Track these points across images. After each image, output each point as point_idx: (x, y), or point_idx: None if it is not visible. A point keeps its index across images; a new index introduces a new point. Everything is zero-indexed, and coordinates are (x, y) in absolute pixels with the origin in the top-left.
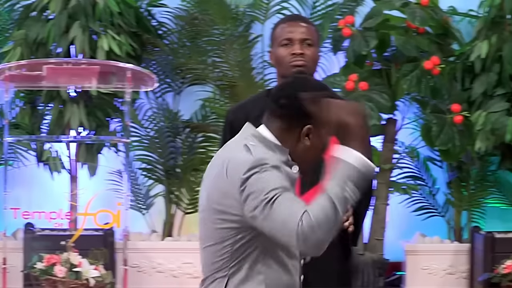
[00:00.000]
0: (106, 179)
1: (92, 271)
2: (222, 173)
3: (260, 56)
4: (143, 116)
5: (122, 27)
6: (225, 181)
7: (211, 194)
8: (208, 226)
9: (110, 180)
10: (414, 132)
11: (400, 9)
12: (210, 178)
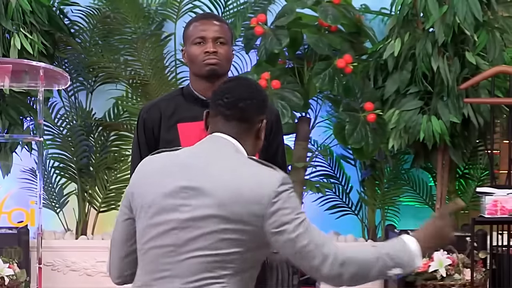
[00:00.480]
0: (19, 177)
1: (7, 269)
2: (244, 186)
3: (173, 55)
4: (56, 115)
5: (34, 25)
6: (248, 193)
7: (225, 202)
8: (205, 235)
9: (24, 179)
10: (327, 130)
11: (312, 7)
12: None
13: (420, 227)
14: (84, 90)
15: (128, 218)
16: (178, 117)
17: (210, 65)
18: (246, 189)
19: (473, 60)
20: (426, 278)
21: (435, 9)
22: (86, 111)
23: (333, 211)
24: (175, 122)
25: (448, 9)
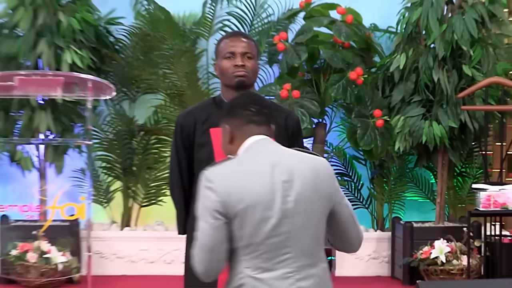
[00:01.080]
0: (71, 176)
1: (60, 257)
2: (320, 175)
3: (205, 68)
4: (102, 121)
5: (83, 42)
6: (326, 179)
7: (316, 186)
8: (312, 217)
9: (75, 178)
10: (341, 134)
11: (327, 26)
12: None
13: None
14: (127, 100)
15: (221, 224)
16: (210, 122)
17: (239, 77)
18: (321, 171)
19: (469, 72)
20: (428, 264)
21: (435, 28)
22: (129, 118)
23: None
24: (208, 127)
25: (447, 27)
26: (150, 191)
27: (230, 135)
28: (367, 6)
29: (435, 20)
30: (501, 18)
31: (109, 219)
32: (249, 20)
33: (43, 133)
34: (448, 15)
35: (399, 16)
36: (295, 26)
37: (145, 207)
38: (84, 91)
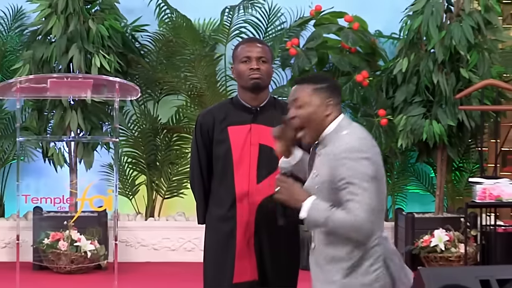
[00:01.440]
0: (99, 171)
1: (89, 245)
2: None
3: (223, 71)
4: (129, 120)
5: (111, 48)
6: None
7: None
8: None
9: (103, 172)
10: None
11: (336, 32)
12: None
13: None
14: (151, 100)
15: (378, 187)
16: (228, 121)
17: (254, 79)
18: None
19: (466, 75)
20: (428, 251)
21: (435, 34)
22: (153, 117)
23: None
24: (226, 125)
25: (446, 33)
26: (172, 185)
27: (331, 109)
28: (372, 14)
29: (435, 27)
30: (496, 25)
31: (135, 210)
32: (263, 27)
33: (73, 131)
34: (447, 23)
35: (402, 23)
36: (306, 33)
37: (168, 199)
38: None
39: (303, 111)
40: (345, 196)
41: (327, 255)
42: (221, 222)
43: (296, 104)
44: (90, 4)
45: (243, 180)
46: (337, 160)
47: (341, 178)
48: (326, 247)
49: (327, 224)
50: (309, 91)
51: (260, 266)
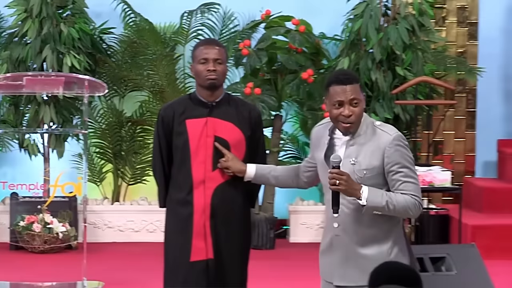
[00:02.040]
0: (70, 160)
1: (61, 227)
2: None
3: (182, 70)
4: (97, 114)
5: (81, 49)
6: None
7: None
8: None
9: (73, 161)
10: (295, 124)
11: (284, 34)
12: None
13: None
14: (117, 96)
15: None
16: (186, 115)
17: (211, 80)
18: None
19: (402, 73)
20: None
21: (374, 35)
22: (119, 111)
23: None
24: (184, 118)
25: (384, 35)
26: (136, 172)
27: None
28: (316, 18)
29: (374, 29)
30: (429, 27)
31: (102, 196)
32: (218, 30)
33: (47, 123)
34: (384, 25)
35: (343, 26)
36: (257, 35)
37: (132, 185)
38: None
39: (358, 108)
40: (400, 179)
41: (370, 235)
42: (180, 206)
43: (353, 103)
44: (62, 9)
45: (200, 168)
46: (390, 148)
47: (396, 163)
48: (360, 228)
49: (388, 207)
50: (358, 89)
51: (215, 246)
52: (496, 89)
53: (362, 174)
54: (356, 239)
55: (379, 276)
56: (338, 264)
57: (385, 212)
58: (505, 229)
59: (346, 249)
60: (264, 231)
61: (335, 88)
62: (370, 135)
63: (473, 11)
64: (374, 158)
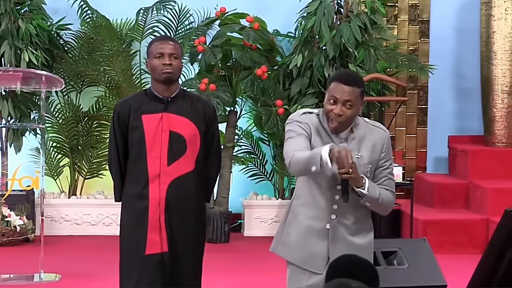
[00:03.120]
0: (28, 154)
1: (18, 220)
2: None
3: (138, 66)
4: (54, 109)
5: (38, 44)
6: None
7: None
8: None
9: (31, 155)
10: (249, 120)
11: (238, 31)
12: None
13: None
14: (74, 91)
15: None
16: (142, 110)
17: (167, 73)
18: None
19: (354, 69)
20: None
21: (327, 33)
22: (76, 106)
23: (253, 178)
24: (140, 113)
25: (336, 32)
26: (92, 166)
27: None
28: (271, 15)
29: (327, 26)
30: (381, 25)
31: (59, 189)
32: (174, 27)
33: (4, 118)
34: (337, 23)
35: (297, 23)
36: (212, 32)
37: (88, 179)
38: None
39: (350, 111)
40: (386, 175)
41: (361, 227)
42: (135, 200)
43: (347, 104)
44: (20, 5)
45: (155, 162)
46: (386, 146)
47: (388, 159)
48: (357, 218)
49: (379, 199)
50: (358, 94)
51: (170, 240)
52: (447, 86)
53: (367, 168)
54: (350, 229)
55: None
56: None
57: (374, 204)
58: (455, 223)
59: (343, 240)
60: (219, 225)
61: (335, 84)
62: (366, 131)
63: (425, 9)
64: (374, 153)
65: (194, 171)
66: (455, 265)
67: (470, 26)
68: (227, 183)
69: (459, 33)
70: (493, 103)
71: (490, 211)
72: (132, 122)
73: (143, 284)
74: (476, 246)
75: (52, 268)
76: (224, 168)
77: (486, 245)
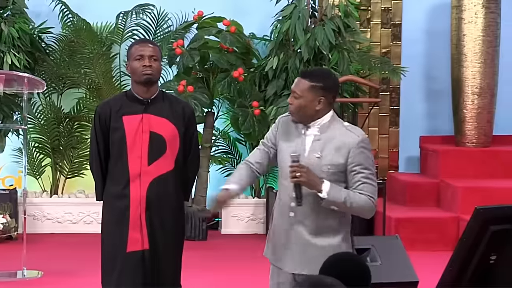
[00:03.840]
0: (10, 154)
1: (1, 219)
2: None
3: (118, 68)
4: (36, 110)
5: (20, 47)
6: None
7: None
8: None
9: (14, 155)
10: (226, 121)
11: (215, 35)
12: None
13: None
14: (56, 93)
15: None
16: (123, 111)
17: (146, 75)
18: None
19: None
20: None
21: (301, 36)
22: (57, 107)
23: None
24: (121, 115)
25: (311, 35)
26: (73, 166)
27: (324, 104)
28: (247, 19)
29: (301, 30)
30: (354, 28)
31: (41, 188)
32: (153, 30)
33: None
34: (311, 26)
35: (273, 27)
36: (190, 35)
37: (70, 178)
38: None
39: (297, 101)
40: (360, 179)
41: (321, 225)
42: (116, 199)
43: (294, 94)
44: (2, 9)
45: (136, 162)
46: (356, 148)
47: (359, 164)
48: (317, 219)
49: (345, 203)
50: (306, 87)
51: (151, 237)
52: (418, 88)
53: (326, 169)
54: (310, 229)
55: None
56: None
57: (341, 208)
58: (426, 221)
59: (300, 238)
60: (197, 223)
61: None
62: (337, 134)
63: (397, 13)
64: (339, 156)
65: (174, 171)
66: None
67: (441, 29)
68: (205, 182)
69: (430, 36)
70: (464, 104)
71: (461, 209)
72: (113, 123)
73: (124, 280)
74: (447, 244)
75: (35, 265)
76: (202, 167)
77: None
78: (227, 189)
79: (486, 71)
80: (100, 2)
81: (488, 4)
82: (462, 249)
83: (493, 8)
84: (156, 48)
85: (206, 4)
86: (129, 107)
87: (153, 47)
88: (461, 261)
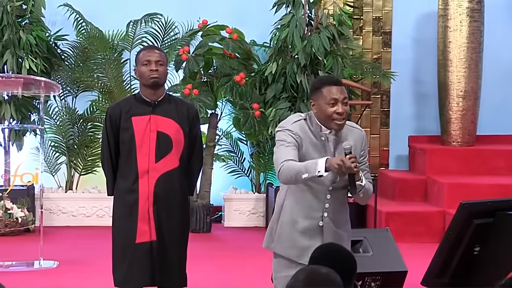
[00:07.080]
0: (28, 152)
1: (20, 213)
2: None
3: (128, 73)
4: (52, 112)
5: (38, 53)
6: None
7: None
8: None
9: (31, 153)
10: (229, 121)
11: (219, 42)
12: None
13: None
14: (70, 96)
15: None
16: (132, 113)
17: (153, 78)
18: None
19: None
20: None
21: (299, 43)
22: (72, 109)
23: (233, 174)
24: (130, 116)
25: (307, 42)
26: (87, 164)
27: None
28: (248, 27)
29: (298, 37)
30: (348, 36)
31: (57, 184)
32: (161, 37)
33: (7, 120)
34: (308, 34)
35: (272, 34)
36: (195, 42)
37: (83, 175)
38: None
39: (347, 107)
40: (365, 169)
41: (344, 219)
42: (126, 194)
43: (344, 101)
44: (21, 18)
45: (144, 159)
46: (364, 140)
47: (366, 155)
48: (341, 212)
49: (368, 190)
50: (346, 91)
51: (158, 229)
52: (407, 91)
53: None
54: (337, 223)
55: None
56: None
57: (365, 194)
58: (415, 215)
59: (334, 233)
60: (201, 216)
61: (330, 88)
62: (347, 132)
63: (387, 21)
64: (356, 151)
65: (179, 168)
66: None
67: (428, 36)
68: (209, 178)
69: (418, 43)
70: (449, 106)
71: (447, 204)
72: (123, 124)
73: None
74: (434, 236)
75: (51, 256)
76: (206, 165)
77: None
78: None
79: (470, 75)
80: (112, 11)
81: (472, 14)
82: (448, 241)
83: (477, 17)
84: (162, 53)
85: (210, 13)
86: (138, 109)
87: (159, 53)
88: (447, 252)
